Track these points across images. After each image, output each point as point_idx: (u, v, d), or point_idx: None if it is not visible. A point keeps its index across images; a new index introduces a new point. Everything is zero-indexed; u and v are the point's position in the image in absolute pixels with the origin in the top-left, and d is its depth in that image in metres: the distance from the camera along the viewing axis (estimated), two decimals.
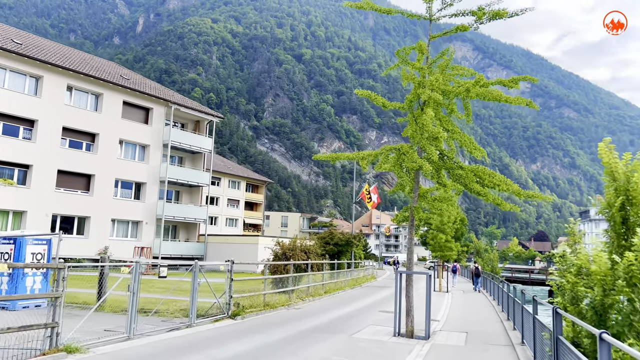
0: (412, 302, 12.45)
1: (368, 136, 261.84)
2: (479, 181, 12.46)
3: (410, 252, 12.62)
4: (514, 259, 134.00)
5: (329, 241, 30.29)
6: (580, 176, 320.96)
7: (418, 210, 12.42)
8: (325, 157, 13.11)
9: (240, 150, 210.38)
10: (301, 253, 21.59)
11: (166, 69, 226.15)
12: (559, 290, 6.92)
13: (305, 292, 20.56)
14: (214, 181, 62.96)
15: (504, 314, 17.37)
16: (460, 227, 56.31)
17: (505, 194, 12.89)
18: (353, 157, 12.94)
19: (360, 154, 12.98)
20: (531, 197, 12.29)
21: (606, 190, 7.08)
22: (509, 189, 12.37)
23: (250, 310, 14.80)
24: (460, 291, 29.72)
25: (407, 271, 12.09)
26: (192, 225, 40.00)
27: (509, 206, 12.34)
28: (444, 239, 28.12)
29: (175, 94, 40.48)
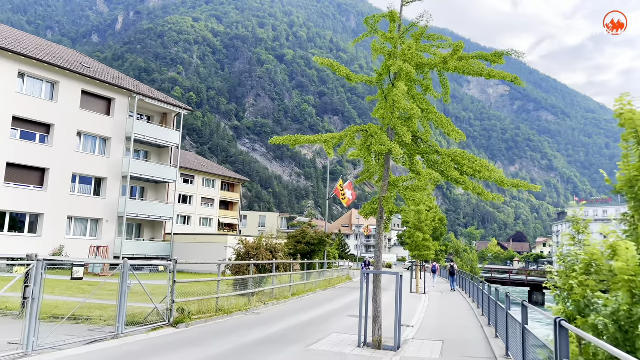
0: (379, 307, 10.76)
1: None
2: (458, 168, 10.85)
3: (378, 250, 10.95)
4: (493, 260, 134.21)
5: (300, 240, 28.51)
6: (557, 178, 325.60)
7: (388, 201, 10.74)
8: (282, 140, 11.34)
9: (220, 150, 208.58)
10: (266, 252, 19.76)
11: (146, 67, 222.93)
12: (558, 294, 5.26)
13: (269, 295, 18.74)
14: (187, 179, 60.93)
15: (485, 318, 15.84)
16: (440, 226, 55.12)
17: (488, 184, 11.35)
18: (314, 139, 11.20)
19: (322, 136, 11.26)
20: (516, 186, 10.73)
21: (624, 162, 5.39)
22: (491, 176, 10.80)
23: (199, 316, 12.93)
24: (439, 292, 28.26)
25: (374, 271, 10.40)
26: (158, 223, 37.79)
27: (491, 196, 10.75)
28: (421, 238, 26.59)
29: (141, 85, 38.22)
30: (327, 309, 17.74)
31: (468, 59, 10.85)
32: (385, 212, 11.11)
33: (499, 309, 11.36)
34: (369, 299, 10.85)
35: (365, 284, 11.07)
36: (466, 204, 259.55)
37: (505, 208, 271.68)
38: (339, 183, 28.39)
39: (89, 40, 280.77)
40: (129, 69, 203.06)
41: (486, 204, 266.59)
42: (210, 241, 36.39)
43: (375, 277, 10.80)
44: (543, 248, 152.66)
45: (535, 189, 10.85)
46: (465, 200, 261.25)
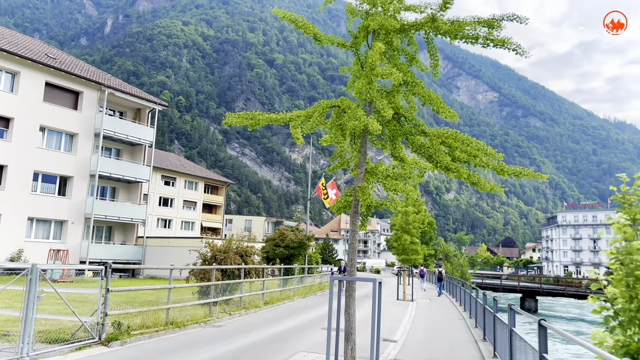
0: (353, 321, 8.77)
1: None
2: (449, 152, 8.93)
3: (352, 250, 8.99)
4: (482, 265, 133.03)
5: (279, 243, 26.45)
6: (545, 184, 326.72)
7: (364, 191, 8.77)
8: (239, 120, 9.32)
9: (209, 154, 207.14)
10: (235, 256, 17.68)
11: (134, 71, 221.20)
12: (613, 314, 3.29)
13: (237, 304, 16.67)
14: (168, 181, 58.76)
15: (479, 330, 13.92)
16: (429, 230, 53.39)
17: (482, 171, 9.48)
18: (276, 118, 9.22)
19: (287, 115, 9.29)
20: (519, 174, 8.84)
21: None
22: (489, 163, 8.90)
23: (141, 331, 10.82)
24: (427, 300, 26.35)
25: (345, 277, 8.42)
26: (130, 226, 35.48)
27: (488, 186, 8.85)
28: (408, 241, 24.68)
29: (112, 78, 36.00)
30: (302, 320, 15.71)
31: (461, 24, 8.96)
32: (361, 205, 9.14)
33: (497, 322, 9.44)
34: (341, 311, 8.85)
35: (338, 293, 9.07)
36: (455, 209, 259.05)
37: (494, 213, 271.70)
38: (321, 182, 26.46)
39: (77, 43, 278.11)
40: (118, 72, 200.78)
41: (475, 209, 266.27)
42: (185, 244, 34.12)
43: (349, 284, 8.82)
44: (532, 253, 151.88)
45: (541, 178, 8.98)
46: (454, 206, 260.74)
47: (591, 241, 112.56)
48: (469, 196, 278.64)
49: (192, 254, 29.02)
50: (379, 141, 9.65)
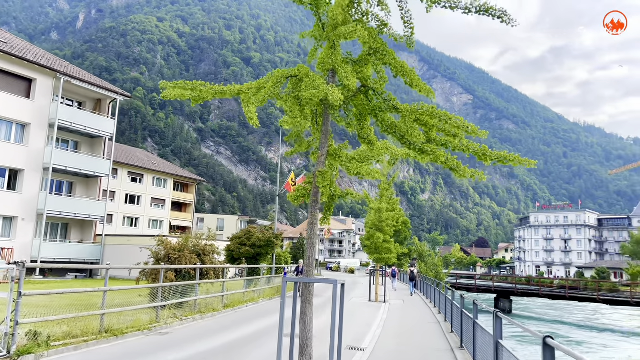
0: (309, 331, 7.38)
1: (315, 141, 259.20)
2: (425, 132, 7.64)
3: (310, 247, 7.60)
4: (456, 265, 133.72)
5: (245, 242, 24.90)
6: (518, 185, 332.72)
7: (325, 177, 7.41)
8: (176, 91, 7.84)
9: (183, 152, 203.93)
10: (191, 255, 16.11)
11: (107, 67, 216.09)
12: None
13: (191, 307, 15.11)
14: (135, 178, 56.53)
15: (455, 336, 12.73)
16: (404, 230, 52.55)
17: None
18: (222, 90, 7.77)
19: (236, 87, 7.87)
20: (504, 159, 7.62)
21: None
22: (469, 147, 7.66)
23: (65, 342, 9.20)
24: (400, 300, 25.20)
25: (300, 278, 7.03)
26: (88, 223, 33.34)
27: (469, 172, 7.60)
28: (381, 239, 23.48)
29: (70, 66, 33.78)
30: (262, 325, 14.25)
31: None
32: (322, 194, 7.78)
33: (478, 330, 8.19)
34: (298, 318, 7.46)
35: (294, 297, 7.67)
36: (430, 209, 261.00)
37: (468, 214, 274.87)
38: (290, 177, 25.05)
39: (48, 38, 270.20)
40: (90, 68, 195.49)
41: (449, 209, 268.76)
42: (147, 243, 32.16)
43: (305, 287, 7.42)
44: (505, 253, 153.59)
45: (529, 164, 7.79)
46: (429, 206, 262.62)
47: (562, 241, 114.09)
48: (443, 197, 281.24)
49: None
50: (344, 119, 8.30)
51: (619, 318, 40.10)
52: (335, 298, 6.98)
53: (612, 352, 24.28)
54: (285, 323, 9.61)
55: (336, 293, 7.00)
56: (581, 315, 41.76)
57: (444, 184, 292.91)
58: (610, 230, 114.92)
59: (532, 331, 4.34)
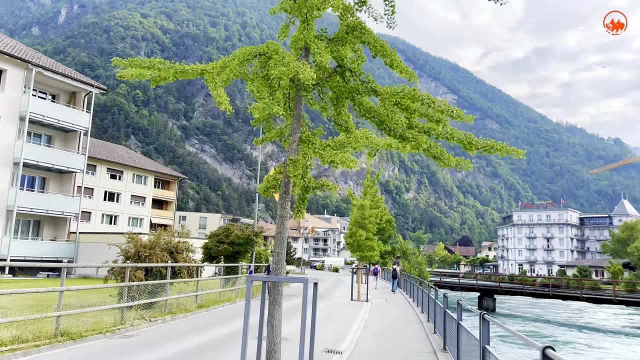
0: (278, 335, 6.70)
1: None
2: (407, 117, 7.01)
3: (279, 242, 6.91)
4: (440, 263, 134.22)
5: (223, 239, 24.09)
6: (501, 185, 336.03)
7: (297, 165, 6.73)
8: (132, 72, 7.08)
9: (167, 150, 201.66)
10: (163, 253, 15.29)
11: (89, 62, 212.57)
12: None
13: (162, 308, 14.31)
14: (115, 174, 55.31)
15: (438, 338, 12.16)
16: (388, 228, 52.11)
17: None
18: (184, 69, 7.03)
19: (199, 66, 7.11)
20: (490, 148, 7.05)
21: None
22: (454, 135, 7.06)
23: (13, 348, 8.36)
24: (383, 299, 24.63)
25: (267, 277, 6.34)
26: (62, 220, 32.16)
27: (454, 160, 7.00)
28: (364, 237, 22.89)
29: (43, 57, 32.54)
30: (237, 326, 13.50)
31: None
32: (295, 185, 7.10)
33: (462, 333, 7.59)
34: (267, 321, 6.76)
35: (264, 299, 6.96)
36: (415, 208, 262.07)
37: (452, 213, 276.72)
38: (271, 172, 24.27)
39: (29, 33, 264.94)
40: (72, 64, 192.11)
41: (434, 208, 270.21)
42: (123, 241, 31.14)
43: (273, 287, 6.73)
44: (488, 252, 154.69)
45: (517, 153, 7.23)
46: (414, 205, 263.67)
47: (545, 240, 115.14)
48: (427, 196, 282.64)
49: None
50: (318, 102, 7.61)
51: (604, 317, 40.03)
52: (306, 298, 6.31)
53: (601, 353, 23.98)
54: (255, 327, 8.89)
55: (307, 293, 6.33)
56: (566, 313, 41.69)
57: (429, 183, 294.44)
58: (591, 228, 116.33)
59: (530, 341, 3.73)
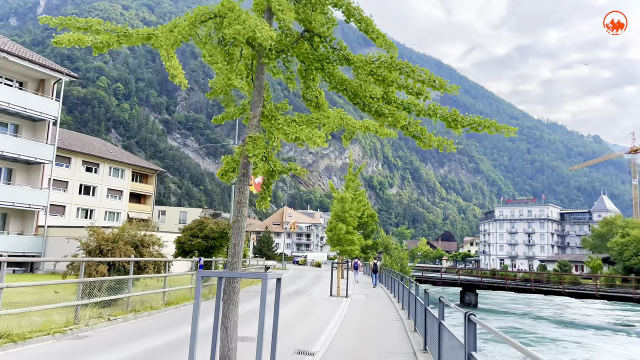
0: (233, 339, 5.81)
1: None
2: (383, 90, 6.16)
3: (237, 233, 6.01)
4: (422, 258, 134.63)
5: (197, 233, 23.08)
6: (483, 180, 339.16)
7: (257, 144, 5.84)
8: (67, 35, 6.10)
9: (149, 144, 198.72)
10: (127, 247, 14.26)
11: (69, 54, 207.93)
12: None
13: (124, 305, 13.31)
14: (90, 167, 53.67)
15: (419, 337, 11.41)
16: (371, 223, 51.47)
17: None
18: (127, 33, 6.06)
19: (146, 29, 6.15)
20: (477, 126, 6.25)
21: None
22: (436, 112, 6.26)
23: None
24: (363, 295, 23.93)
25: (220, 272, 5.46)
26: (29, 213, 30.70)
27: (435, 140, 6.19)
28: (344, 230, 22.10)
29: (9, 42, 30.93)
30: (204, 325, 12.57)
31: None
32: (255, 167, 6.21)
33: (445, 334, 6.81)
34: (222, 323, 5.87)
35: (219, 297, 6.07)
36: (398, 203, 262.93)
37: (434, 208, 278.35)
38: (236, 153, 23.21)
39: (6, 24, 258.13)
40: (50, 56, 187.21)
41: (416, 204, 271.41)
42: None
43: (228, 284, 5.84)
44: (470, 247, 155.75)
45: (508, 131, 6.44)
46: (397, 200, 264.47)
47: (526, 235, 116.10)
48: (410, 191, 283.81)
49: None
50: (283, 73, 6.71)
51: (589, 312, 39.79)
52: (264, 296, 5.45)
53: (591, 351, 23.55)
54: (250, 315, 7.96)
55: (265, 291, 5.47)
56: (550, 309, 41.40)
57: (412, 179, 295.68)
58: (571, 224, 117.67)
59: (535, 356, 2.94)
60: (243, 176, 6.05)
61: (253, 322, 13.20)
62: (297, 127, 5.85)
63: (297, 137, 5.71)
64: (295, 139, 5.74)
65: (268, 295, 5.87)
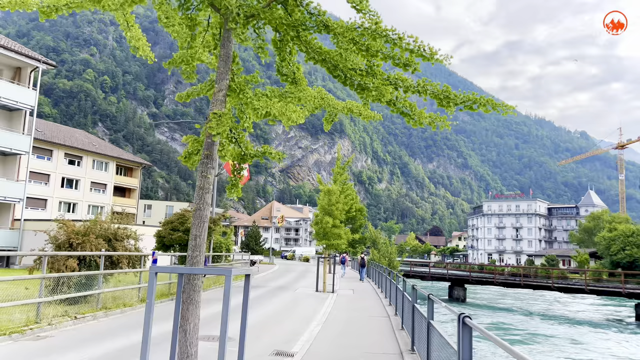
0: (193, 344, 5.08)
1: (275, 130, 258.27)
2: (367, 62, 5.45)
3: (198, 223, 5.27)
4: (411, 253, 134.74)
5: (178, 227, 22.24)
6: (471, 176, 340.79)
7: (223, 121, 5.10)
8: None
9: (136, 138, 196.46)
10: (98, 240, 13.43)
11: (54, 47, 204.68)
12: None
13: (95, 302, 12.50)
14: (73, 160, 52.48)
15: (406, 336, 10.78)
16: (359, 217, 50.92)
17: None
18: None
19: None
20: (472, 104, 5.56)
21: None
22: (426, 88, 5.55)
23: None
24: (350, 290, 23.30)
25: (177, 268, 4.69)
26: (5, 206, 29.60)
27: (426, 117, 5.49)
28: (330, 224, 21.41)
29: None
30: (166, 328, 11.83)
31: None
32: (222, 149, 5.46)
33: (434, 335, 6.15)
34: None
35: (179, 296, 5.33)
36: (387, 198, 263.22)
37: (423, 203, 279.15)
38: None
39: None
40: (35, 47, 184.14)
41: (405, 199, 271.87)
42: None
43: (187, 282, 5.11)
44: (458, 242, 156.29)
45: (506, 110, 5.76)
46: (386, 195, 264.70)
47: (514, 230, 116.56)
48: (399, 186, 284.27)
49: None
50: (254, 41, 5.95)
51: (580, 308, 39.36)
52: (227, 294, 4.75)
53: (591, 351, 23.04)
54: (229, 313, 7.16)
55: (229, 289, 4.76)
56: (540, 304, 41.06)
57: (401, 174, 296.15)
58: (559, 219, 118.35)
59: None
60: (206, 158, 5.31)
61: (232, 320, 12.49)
62: (269, 100, 5.12)
63: (268, 113, 4.99)
64: (265, 114, 5.02)
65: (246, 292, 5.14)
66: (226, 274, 4.70)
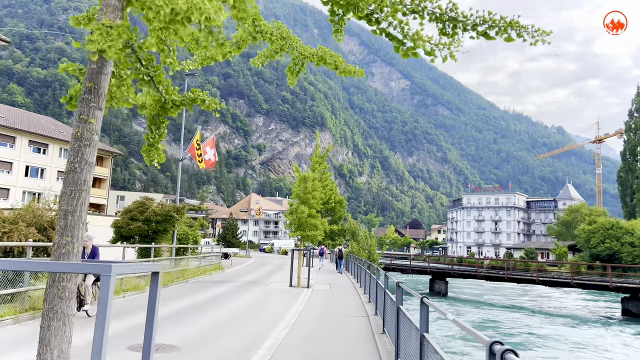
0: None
1: (255, 122, 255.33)
2: None
3: (71, 193, 3.46)
4: (390, 246, 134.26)
5: (137, 216, 20.17)
6: (450, 170, 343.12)
7: (112, 33, 3.30)
8: None
9: (113, 129, 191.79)
10: (29, 229, 11.43)
11: (28, 34, 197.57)
12: None
13: (21, 302, 10.52)
14: (39, 148, 49.92)
15: (387, 340, 9.13)
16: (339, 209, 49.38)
17: None
18: None
19: None
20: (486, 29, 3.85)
21: None
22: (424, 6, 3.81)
23: None
24: (327, 285, 21.66)
25: (21, 262, 2.97)
26: None
27: (424, 40, 3.75)
28: (306, 214, 19.67)
29: None
30: (129, 324, 9.96)
31: None
32: (121, 83, 3.64)
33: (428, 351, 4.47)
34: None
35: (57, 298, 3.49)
36: (367, 192, 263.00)
37: (403, 197, 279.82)
38: (195, 138, 20.37)
39: None
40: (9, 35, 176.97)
41: (385, 192, 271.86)
42: None
43: (52, 284, 3.30)
44: (438, 235, 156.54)
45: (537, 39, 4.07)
46: (366, 189, 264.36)
47: (493, 223, 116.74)
48: (380, 180, 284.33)
49: None
50: None
51: (573, 304, 38.19)
52: (104, 299, 2.94)
53: (590, 351, 21.80)
54: (185, 312, 5.30)
55: (107, 292, 2.95)
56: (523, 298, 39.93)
57: (381, 168, 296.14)
58: (537, 212, 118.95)
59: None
60: (88, 92, 3.46)
61: (188, 321, 10.67)
62: (180, 26, 3.31)
63: (173, 10, 3.19)
64: (170, 13, 3.22)
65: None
66: (103, 273, 2.90)
